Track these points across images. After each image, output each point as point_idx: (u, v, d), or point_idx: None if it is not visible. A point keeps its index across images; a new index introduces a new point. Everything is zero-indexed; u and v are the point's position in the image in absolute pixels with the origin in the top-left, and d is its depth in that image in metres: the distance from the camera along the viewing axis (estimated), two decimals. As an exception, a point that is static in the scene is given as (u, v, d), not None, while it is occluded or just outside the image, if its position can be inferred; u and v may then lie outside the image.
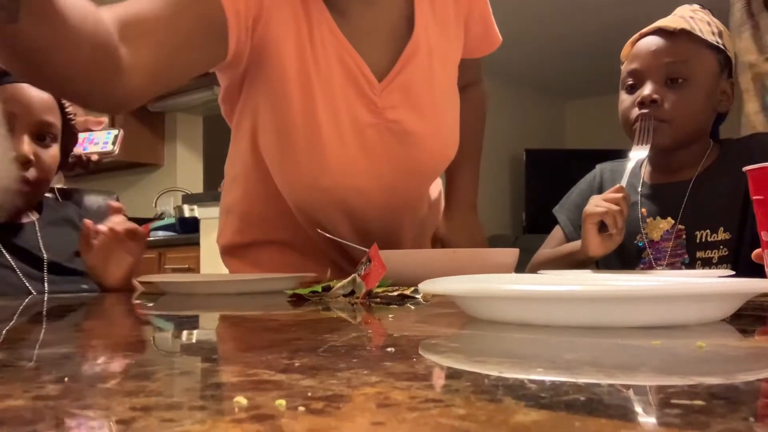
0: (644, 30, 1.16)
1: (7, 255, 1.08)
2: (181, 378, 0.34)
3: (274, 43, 0.95)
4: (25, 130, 1.06)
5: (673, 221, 1.14)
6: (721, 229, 1.10)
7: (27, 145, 1.06)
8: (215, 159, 1.33)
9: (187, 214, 3.90)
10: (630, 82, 1.16)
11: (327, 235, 0.99)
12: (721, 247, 1.10)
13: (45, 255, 1.12)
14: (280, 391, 0.28)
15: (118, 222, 1.07)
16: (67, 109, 1.16)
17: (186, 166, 4.75)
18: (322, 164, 1.00)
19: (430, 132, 1.06)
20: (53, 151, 1.12)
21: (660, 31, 1.13)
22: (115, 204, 1.10)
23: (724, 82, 1.15)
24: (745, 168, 0.72)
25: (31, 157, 1.06)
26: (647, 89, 1.12)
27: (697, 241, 1.12)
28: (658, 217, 1.16)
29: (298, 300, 0.77)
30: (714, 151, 1.17)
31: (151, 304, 0.83)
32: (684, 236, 1.13)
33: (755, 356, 0.38)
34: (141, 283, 1.03)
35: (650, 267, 1.15)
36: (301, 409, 0.25)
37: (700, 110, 1.13)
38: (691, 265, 1.12)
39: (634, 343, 0.41)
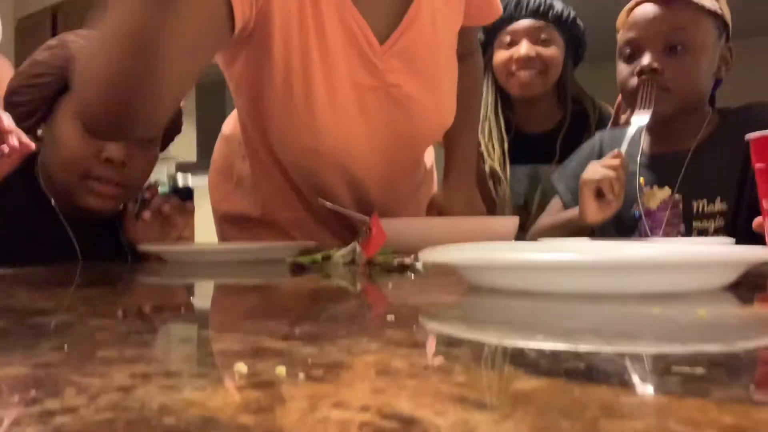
0: None
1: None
2: (181, 345, 0.34)
3: (278, 6, 0.92)
4: None
5: (670, 191, 1.14)
6: (719, 199, 1.10)
7: (120, 147, 0.98)
8: (208, 127, 1.34)
9: (181, 182, 3.89)
10: (628, 51, 1.14)
11: (327, 204, 0.99)
12: (718, 217, 1.10)
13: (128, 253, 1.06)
14: (281, 358, 0.28)
15: (160, 203, 1.04)
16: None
17: (180, 137, 4.72)
18: (318, 127, 0.98)
19: (429, 98, 1.05)
20: (151, 153, 1.04)
21: None
22: (148, 192, 1.06)
23: (722, 47, 1.14)
24: (748, 135, 0.72)
25: (124, 159, 0.99)
26: (646, 58, 1.10)
27: (694, 211, 1.11)
28: (656, 187, 1.16)
29: (298, 268, 0.77)
30: (713, 119, 1.16)
31: (151, 273, 0.83)
32: (681, 206, 1.13)
33: (755, 324, 0.38)
34: (128, 250, 1.01)
35: (646, 236, 1.16)
36: (302, 376, 0.25)
37: (701, 77, 1.12)
38: (687, 234, 1.12)
39: (634, 311, 0.41)
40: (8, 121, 0.86)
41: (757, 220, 0.78)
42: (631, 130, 1.09)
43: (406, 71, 1.02)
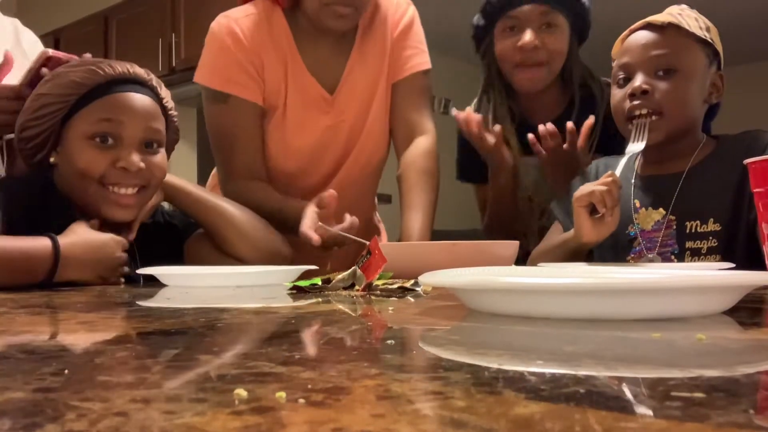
0: (633, 26, 1.19)
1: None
2: (181, 370, 0.34)
3: (270, 80, 1.33)
4: (133, 139, 1.05)
5: (664, 212, 1.15)
6: (711, 220, 1.11)
7: (135, 155, 1.05)
8: (209, 151, 1.37)
9: (181, 206, 3.90)
10: (621, 76, 1.18)
11: (327, 228, 1.04)
12: (710, 237, 1.11)
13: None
14: (281, 383, 0.28)
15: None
16: (170, 112, 1.15)
17: (180, 158, 4.73)
18: (292, 151, 1.37)
19: (365, 125, 1.39)
20: (161, 157, 1.11)
21: (649, 26, 1.16)
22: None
23: (713, 74, 1.17)
24: (746, 161, 0.72)
25: (141, 165, 1.05)
26: (638, 81, 1.13)
27: (687, 231, 1.13)
28: (650, 208, 1.17)
29: (298, 292, 0.77)
30: (708, 145, 1.18)
31: (151, 297, 0.83)
32: (674, 226, 1.14)
33: (755, 348, 0.38)
34: (142, 276, 1.02)
35: (641, 256, 1.16)
36: (302, 401, 0.25)
37: (691, 100, 1.14)
38: (680, 254, 1.13)
39: (634, 336, 0.41)
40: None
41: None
42: (625, 159, 1.11)
43: (349, 108, 1.37)
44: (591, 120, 1.34)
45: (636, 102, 1.13)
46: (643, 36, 1.15)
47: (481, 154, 1.45)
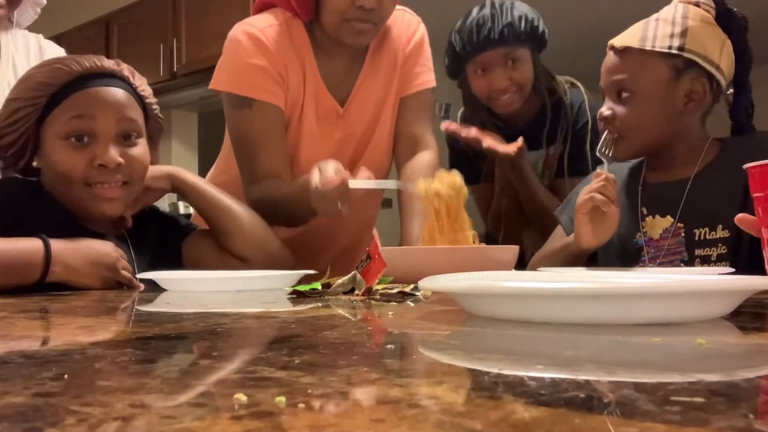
0: (608, 45, 1.21)
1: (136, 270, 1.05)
2: (180, 375, 0.34)
3: (292, 89, 1.33)
4: (108, 133, 1.03)
5: (672, 219, 1.15)
6: (720, 226, 1.10)
7: (112, 150, 1.02)
8: (210, 155, 1.39)
9: (182, 210, 3.90)
10: (602, 98, 1.23)
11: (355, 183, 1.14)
12: (720, 244, 1.10)
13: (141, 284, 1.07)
14: (280, 387, 0.28)
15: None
16: (148, 100, 1.13)
17: (181, 163, 4.74)
18: (301, 161, 1.38)
19: (371, 136, 1.43)
20: (141, 147, 1.08)
21: (613, 48, 1.19)
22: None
23: (686, 82, 1.13)
24: (746, 165, 0.72)
25: (120, 159, 1.03)
26: (603, 106, 1.19)
27: (696, 238, 1.12)
28: (658, 216, 1.17)
29: (298, 297, 0.77)
30: (713, 148, 1.17)
31: (150, 301, 0.83)
32: (683, 234, 1.13)
33: (755, 353, 0.38)
34: (141, 280, 1.02)
35: (649, 265, 1.16)
36: (301, 405, 0.25)
37: (653, 119, 1.15)
38: (690, 262, 1.12)
39: (634, 340, 0.41)
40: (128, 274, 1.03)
41: (739, 216, 0.78)
42: (604, 166, 1.15)
43: (358, 122, 1.40)
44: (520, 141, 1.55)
45: (603, 125, 1.19)
46: (608, 59, 1.20)
47: (488, 154, 1.61)
